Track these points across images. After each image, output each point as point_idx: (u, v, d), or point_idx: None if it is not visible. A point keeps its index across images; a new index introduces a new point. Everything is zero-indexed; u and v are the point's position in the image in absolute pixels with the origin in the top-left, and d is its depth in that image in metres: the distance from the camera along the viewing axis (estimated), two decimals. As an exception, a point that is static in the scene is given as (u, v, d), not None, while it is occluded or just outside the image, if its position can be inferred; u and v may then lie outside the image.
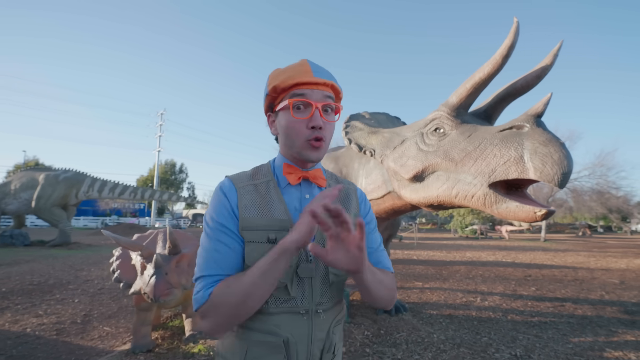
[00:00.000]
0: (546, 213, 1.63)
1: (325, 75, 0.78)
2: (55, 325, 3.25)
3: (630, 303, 4.63)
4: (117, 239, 2.41)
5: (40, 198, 10.21)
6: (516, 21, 1.78)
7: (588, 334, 3.35)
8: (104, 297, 4.35)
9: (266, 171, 0.86)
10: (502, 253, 11.19)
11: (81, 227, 24.80)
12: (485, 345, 2.99)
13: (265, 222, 0.78)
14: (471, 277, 6.45)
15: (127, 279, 2.63)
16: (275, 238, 0.76)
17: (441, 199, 2.13)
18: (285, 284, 0.76)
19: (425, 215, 42.06)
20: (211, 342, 2.89)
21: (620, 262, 9.16)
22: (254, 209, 0.79)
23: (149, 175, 39.09)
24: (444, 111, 2.13)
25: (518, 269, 7.55)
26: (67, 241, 10.30)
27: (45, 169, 11.38)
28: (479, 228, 20.80)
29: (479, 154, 1.85)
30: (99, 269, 6.28)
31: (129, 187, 12.70)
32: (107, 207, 33.16)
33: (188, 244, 2.84)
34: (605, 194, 19.15)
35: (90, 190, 11.44)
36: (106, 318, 3.51)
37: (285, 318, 0.78)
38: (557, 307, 4.33)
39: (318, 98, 0.76)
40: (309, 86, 0.75)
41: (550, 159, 1.55)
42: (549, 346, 3.01)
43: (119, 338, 2.97)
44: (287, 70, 0.78)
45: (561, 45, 1.81)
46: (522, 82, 1.94)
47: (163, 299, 2.26)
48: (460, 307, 4.26)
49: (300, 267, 0.78)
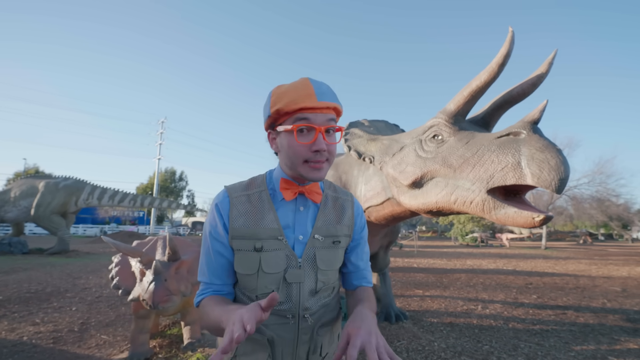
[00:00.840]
0: (544, 219, 1.63)
1: (328, 97, 0.77)
2: (52, 334, 3.22)
3: (632, 311, 4.59)
4: (117, 245, 2.41)
5: (40, 206, 10.20)
6: (511, 30, 1.83)
7: (590, 342, 3.32)
8: (102, 305, 4.31)
9: (260, 182, 0.89)
10: (503, 261, 11.12)
11: (80, 235, 24.67)
12: (486, 354, 2.96)
13: (252, 231, 0.81)
14: (472, 285, 6.40)
15: (126, 286, 2.62)
16: (262, 247, 0.80)
17: (440, 205, 2.14)
18: (273, 290, 0.80)
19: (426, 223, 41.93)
20: (209, 350, 2.86)
21: (622, 270, 9.10)
22: (243, 218, 0.82)
23: (149, 183, 39.09)
24: (442, 118, 2.16)
25: (519, 277, 7.50)
26: (66, 249, 10.24)
27: (45, 177, 11.39)
28: (479, 236, 20.70)
29: (477, 160, 1.87)
30: (97, 277, 6.24)
31: (129, 194, 12.70)
32: (107, 215, 33.04)
33: (188, 251, 2.83)
34: (605, 202, 19.13)
35: (90, 197, 11.43)
36: (104, 326, 3.48)
37: (273, 319, 0.82)
38: (559, 315, 4.30)
39: (321, 122, 0.76)
40: (313, 111, 0.75)
41: (547, 165, 1.57)
42: (551, 354, 2.98)
43: (116, 346, 2.94)
44: (290, 92, 0.76)
45: (556, 54, 1.85)
46: (518, 90, 1.97)
47: (162, 305, 2.25)
48: (461, 315, 4.22)
49: (289, 273, 0.81)
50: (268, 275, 0.80)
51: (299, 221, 0.85)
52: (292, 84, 0.79)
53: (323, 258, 0.85)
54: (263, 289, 0.81)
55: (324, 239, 0.86)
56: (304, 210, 0.86)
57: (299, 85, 0.78)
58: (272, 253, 0.81)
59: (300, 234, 0.84)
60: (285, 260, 0.81)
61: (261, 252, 0.80)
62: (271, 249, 0.81)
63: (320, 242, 0.85)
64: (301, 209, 0.86)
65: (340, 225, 0.89)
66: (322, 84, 0.80)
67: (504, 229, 25.09)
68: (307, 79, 0.79)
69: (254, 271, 0.80)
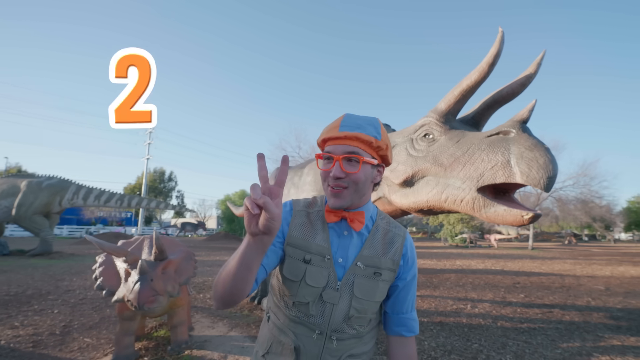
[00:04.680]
0: (533, 216, 1.65)
1: (351, 128, 0.83)
2: (32, 337, 3.09)
3: (615, 309, 4.71)
4: (101, 245, 2.33)
5: (22, 206, 9.85)
6: (501, 31, 1.85)
7: (576, 340, 3.39)
8: (86, 307, 4.18)
9: (320, 202, 0.96)
10: (491, 261, 11.31)
11: (64, 236, 23.99)
12: (476, 352, 2.98)
13: (306, 243, 0.88)
14: (461, 284, 6.48)
15: (111, 286, 2.53)
16: (310, 259, 0.86)
17: (431, 204, 2.14)
18: (308, 301, 0.85)
19: (416, 224, 42.36)
20: (197, 352, 2.80)
21: (605, 270, 9.36)
22: (301, 230, 0.89)
23: (137, 183, 38.29)
24: (433, 117, 2.16)
25: (507, 277, 7.63)
26: (49, 250, 9.92)
27: (28, 176, 11.01)
28: (468, 237, 21.01)
29: (468, 159, 1.88)
30: (82, 279, 6.05)
31: (116, 194, 12.39)
32: (92, 215, 32.22)
33: (175, 250, 2.77)
34: (589, 203, 19.70)
35: (75, 197, 11.10)
36: (87, 329, 3.36)
37: (302, 329, 0.87)
38: (546, 314, 4.37)
39: (339, 152, 0.82)
40: (335, 141, 0.83)
41: (536, 164, 1.59)
42: (538, 352, 3.02)
43: (100, 350, 2.85)
44: (328, 125, 0.88)
45: (544, 55, 1.88)
46: (507, 90, 1.99)
47: (148, 306, 2.18)
48: (450, 314, 4.25)
49: (326, 292, 0.85)
50: (309, 287, 0.85)
51: (341, 245, 0.88)
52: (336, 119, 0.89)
53: (361, 287, 0.85)
54: (301, 297, 0.85)
55: (365, 267, 0.87)
56: (347, 235, 0.89)
57: (335, 120, 0.88)
58: (317, 268, 0.85)
59: (340, 256, 0.87)
60: (327, 278, 0.85)
61: (308, 264, 0.85)
62: (317, 264, 0.86)
63: (361, 270, 0.86)
64: (345, 234, 0.89)
65: (385, 258, 0.89)
66: (356, 117, 0.86)
67: (492, 229, 25.55)
68: (345, 114, 0.88)
69: (297, 279, 0.85)
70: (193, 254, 3.05)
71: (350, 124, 0.84)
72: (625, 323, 4.02)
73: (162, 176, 42.34)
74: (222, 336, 3.25)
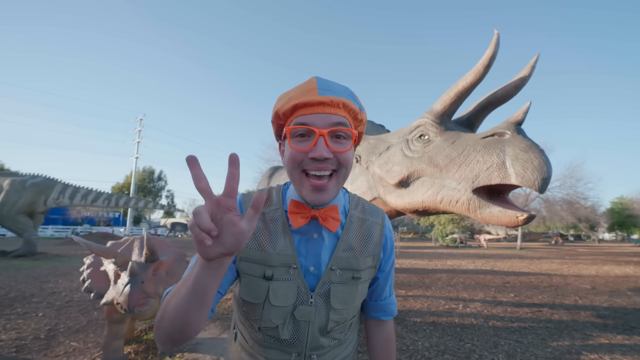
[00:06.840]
0: (527, 217, 1.67)
1: (335, 91, 0.64)
2: (15, 342, 2.98)
3: (601, 307, 4.83)
4: (89, 246, 2.26)
5: (4, 205, 9.54)
6: (497, 33, 1.86)
7: (565, 338, 3.45)
8: (72, 310, 4.06)
9: (276, 199, 0.75)
10: (482, 261, 11.47)
11: (49, 236, 23.34)
12: (468, 352, 3.01)
13: (264, 255, 0.70)
14: (453, 284, 6.54)
15: (99, 289, 2.46)
16: (272, 274, 0.69)
17: (426, 205, 2.15)
18: (277, 325, 0.70)
19: (407, 225, 42.70)
20: (188, 356, 2.74)
21: (591, 269, 9.59)
22: (255, 239, 0.70)
23: (126, 183, 37.59)
24: (429, 118, 2.17)
25: (497, 276, 7.74)
26: (33, 251, 9.63)
27: (11, 174, 10.68)
28: (459, 237, 21.28)
29: (463, 160, 1.89)
30: (68, 281, 5.89)
31: (103, 193, 12.13)
32: (79, 215, 31.46)
33: (167, 251, 2.70)
34: (574, 204, 20.22)
35: (60, 197, 10.81)
36: (73, 332, 3.26)
37: (275, 353, 0.73)
38: (535, 313, 4.45)
39: (323, 124, 0.62)
40: (313, 108, 0.62)
41: (531, 165, 1.60)
42: (529, 351, 3.07)
43: (87, 354, 2.76)
44: (292, 90, 0.66)
45: (538, 58, 1.91)
46: (502, 92, 2.01)
47: (138, 309, 2.12)
48: (443, 314, 4.28)
49: (298, 310, 0.70)
50: (275, 308, 0.69)
51: (310, 250, 0.72)
52: (299, 84, 0.68)
53: (339, 295, 0.72)
54: (267, 322, 0.70)
55: (342, 272, 0.72)
56: (317, 238, 0.72)
57: (304, 82, 0.67)
58: (282, 283, 0.69)
59: (311, 265, 0.71)
60: (296, 293, 0.70)
61: (271, 280, 0.69)
62: (281, 278, 0.69)
63: (338, 276, 0.72)
64: (315, 237, 0.72)
65: (363, 257, 0.74)
66: (332, 82, 0.67)
67: (482, 230, 25.94)
68: (315, 77, 0.67)
69: (259, 301, 0.69)
70: (184, 255, 2.99)
71: (331, 87, 0.64)
72: (612, 321, 4.12)
73: (151, 175, 41.63)
74: (215, 338, 3.20)
